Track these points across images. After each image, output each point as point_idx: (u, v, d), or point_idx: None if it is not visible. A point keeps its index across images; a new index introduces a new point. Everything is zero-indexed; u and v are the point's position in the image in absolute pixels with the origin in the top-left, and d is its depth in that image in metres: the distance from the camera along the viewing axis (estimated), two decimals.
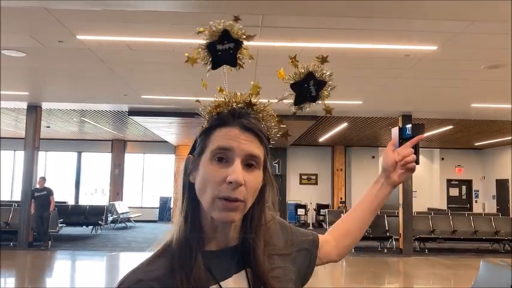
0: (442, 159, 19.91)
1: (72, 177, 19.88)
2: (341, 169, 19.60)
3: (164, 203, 19.13)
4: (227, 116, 0.98)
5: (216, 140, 0.93)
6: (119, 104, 11.17)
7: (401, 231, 11.44)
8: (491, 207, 19.03)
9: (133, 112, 11.70)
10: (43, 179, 11.09)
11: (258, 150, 0.96)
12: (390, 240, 12.16)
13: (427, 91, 9.10)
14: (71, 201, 18.77)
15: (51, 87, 9.71)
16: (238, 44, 0.99)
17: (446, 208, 18.93)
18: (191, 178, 0.96)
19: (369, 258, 10.96)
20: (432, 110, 10.96)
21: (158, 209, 19.10)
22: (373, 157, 19.74)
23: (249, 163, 0.93)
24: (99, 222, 14.21)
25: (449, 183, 19.97)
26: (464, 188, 20.17)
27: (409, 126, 5.93)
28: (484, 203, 19.67)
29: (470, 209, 19.72)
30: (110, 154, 19.39)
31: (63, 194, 18.94)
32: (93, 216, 14.44)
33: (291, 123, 12.07)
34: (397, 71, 7.62)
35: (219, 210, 0.89)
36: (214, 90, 1.16)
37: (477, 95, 9.35)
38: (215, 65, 1.06)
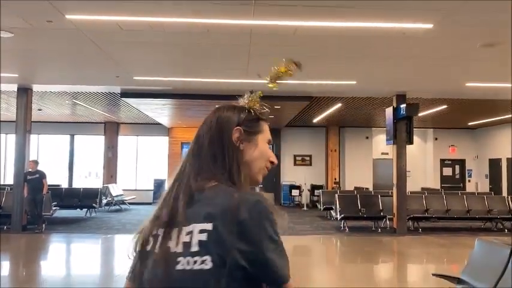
0: (436, 139, 19.95)
1: (65, 160, 19.76)
2: (335, 150, 19.60)
3: (159, 185, 19.08)
4: (267, 113, 1.39)
5: (266, 131, 1.37)
6: (110, 86, 11.04)
7: (395, 211, 11.50)
8: (484, 186, 19.17)
9: (125, 94, 11.57)
10: (35, 162, 11.00)
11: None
12: (384, 219, 12.21)
13: (422, 70, 9.05)
14: (64, 185, 18.70)
15: (41, 69, 9.56)
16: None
17: (439, 188, 19.04)
18: (240, 145, 1.28)
19: (363, 237, 11.03)
20: (427, 89, 10.92)
21: (153, 192, 19.07)
22: (367, 138, 19.75)
23: None
24: (93, 205, 14.16)
25: (443, 162, 20.06)
26: (457, 167, 20.28)
27: (403, 106, 6.09)
28: (477, 182, 19.80)
29: (464, 188, 19.85)
30: (103, 136, 19.25)
31: (56, 177, 18.87)
32: (87, 199, 14.38)
33: (285, 104, 12.03)
34: (392, 50, 7.54)
35: (262, 175, 1.34)
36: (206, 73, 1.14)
37: (472, 73, 9.31)
38: None
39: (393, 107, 11.42)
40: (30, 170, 10.92)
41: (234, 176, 1.23)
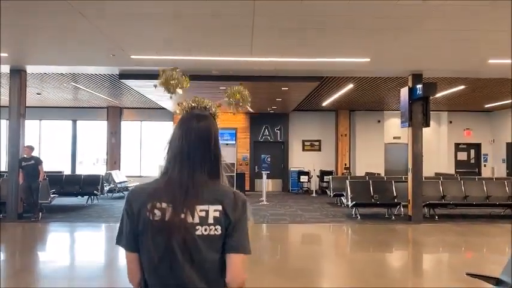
0: (450, 122, 19.19)
1: (68, 146, 19.28)
2: (345, 134, 18.92)
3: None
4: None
5: None
6: (108, 67, 10.44)
7: (410, 197, 10.86)
8: (501, 171, 18.44)
9: (124, 75, 10.96)
10: (29, 148, 10.46)
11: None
12: (398, 206, 11.59)
13: (441, 46, 8.32)
14: (67, 171, 18.26)
15: (31, 47, 8.96)
16: None
17: (454, 173, 18.33)
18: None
19: (376, 225, 10.42)
20: (445, 68, 10.17)
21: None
22: (379, 121, 19.03)
23: None
24: (95, 192, 13.68)
25: (458, 147, 19.32)
26: (472, 151, 19.52)
27: (419, 86, 5.26)
28: (494, 167, 19.05)
29: (479, 173, 19.15)
30: (106, 122, 18.72)
31: (59, 163, 18.45)
32: (88, 186, 13.91)
33: (293, 85, 11.38)
34: (409, 22, 6.83)
35: None
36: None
37: (496, 49, 8.55)
38: None
39: (409, 87, 10.71)
40: (25, 156, 10.40)
41: (217, 171, 1.70)
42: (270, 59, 9.12)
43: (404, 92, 10.84)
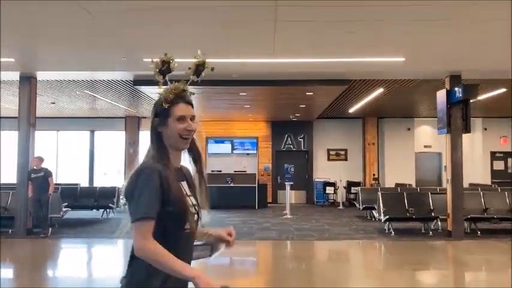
0: (485, 129, 18.03)
1: (85, 158, 18.79)
2: (373, 143, 17.96)
3: None
4: (178, 97, 1.87)
5: (176, 112, 1.84)
6: (121, 72, 9.79)
7: (449, 211, 9.86)
8: None
9: (138, 81, 10.33)
10: (39, 159, 9.88)
11: (193, 112, 1.89)
12: (435, 221, 10.61)
13: (484, 42, 7.41)
14: (84, 183, 17.75)
15: (40, 51, 8.39)
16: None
17: (490, 183, 17.15)
18: (159, 129, 1.85)
19: (414, 242, 9.45)
20: (487, 68, 9.19)
21: None
22: (409, 129, 18.02)
23: (191, 117, 1.87)
24: (110, 205, 13.05)
25: (494, 155, 18.13)
26: (510, 160, 18.28)
27: (459, 88, 5.11)
28: None
29: None
30: (124, 132, 18.18)
31: (77, 175, 17.97)
32: (103, 198, 13.30)
33: (318, 89, 10.58)
34: (449, 13, 5.97)
35: (182, 143, 1.88)
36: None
37: None
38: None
39: (446, 89, 9.77)
40: (34, 167, 9.81)
41: (152, 150, 1.87)
42: (293, 60, 8.34)
43: (441, 95, 9.91)
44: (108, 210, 13.43)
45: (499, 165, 18.22)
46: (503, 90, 11.79)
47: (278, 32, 6.67)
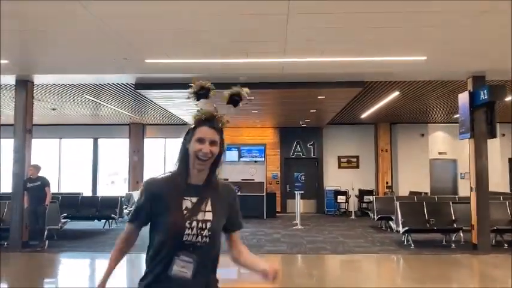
0: (503, 135, 17.26)
1: (89, 166, 18.25)
2: (386, 149, 17.27)
3: None
4: (205, 121, 2.00)
5: (197, 134, 1.97)
6: (122, 75, 9.22)
7: (474, 222, 9.16)
8: None
9: (140, 85, 9.77)
10: (35, 167, 9.31)
11: (216, 137, 1.97)
12: (457, 232, 9.92)
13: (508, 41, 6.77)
14: (88, 192, 17.22)
15: (36, 53, 7.83)
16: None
17: (509, 191, 16.38)
18: (187, 145, 1.99)
19: (436, 256, 8.74)
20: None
21: None
22: (422, 135, 17.32)
23: (212, 142, 1.96)
24: (112, 215, 12.45)
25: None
26: None
27: (484, 89, 5.18)
28: None
29: None
30: (128, 139, 17.63)
31: (80, 184, 17.46)
32: (106, 209, 12.70)
33: (331, 92, 9.95)
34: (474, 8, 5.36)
35: (197, 163, 1.96)
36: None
37: None
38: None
39: (469, 91, 9.12)
40: (30, 176, 9.25)
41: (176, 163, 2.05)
42: (306, 59, 7.72)
43: (463, 98, 9.25)
44: (110, 220, 12.84)
45: None
46: None
47: (290, 26, 6.06)
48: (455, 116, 15.38)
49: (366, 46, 7.07)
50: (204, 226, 1.90)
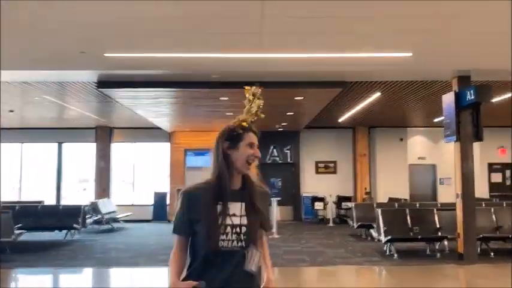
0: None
1: (53, 172, 17.19)
2: (364, 154, 16.80)
3: (160, 200, 16.48)
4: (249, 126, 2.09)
5: (247, 139, 2.05)
6: (83, 72, 8.39)
7: (460, 230, 8.65)
8: None
9: (103, 83, 8.95)
10: None
11: (257, 141, 2.07)
12: (442, 241, 9.42)
13: (496, 39, 6.31)
14: (51, 201, 16.20)
15: None
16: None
17: (488, 197, 16.09)
18: (229, 151, 2.03)
19: (422, 267, 8.17)
20: (501, 66, 8.06)
21: (153, 207, 16.44)
22: (401, 139, 16.91)
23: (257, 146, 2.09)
24: (75, 225, 11.53)
25: (491, 167, 17.11)
26: (508, 172, 17.31)
27: (470, 90, 5.28)
28: None
29: None
30: (94, 144, 16.66)
31: (42, 192, 16.42)
32: (68, 218, 11.72)
33: (310, 92, 9.36)
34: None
35: (245, 168, 2.05)
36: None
37: None
38: None
39: (455, 91, 8.64)
40: None
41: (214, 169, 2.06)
42: (284, 55, 7.08)
43: (448, 99, 8.76)
44: (72, 231, 11.92)
45: (497, 177, 17.23)
46: (510, 94, 10.73)
47: (266, 11, 5.40)
48: (435, 120, 15.05)
49: (350, 40, 6.47)
50: (239, 230, 1.96)
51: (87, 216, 12.65)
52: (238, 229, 1.95)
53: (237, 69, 7.67)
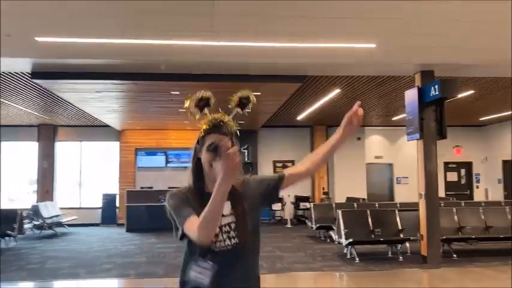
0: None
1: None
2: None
3: (109, 202, 15.46)
4: (213, 127, 1.88)
5: (206, 141, 1.86)
6: (15, 60, 7.43)
7: (423, 232, 8.29)
8: (496, 193, 16.33)
9: (38, 74, 8.00)
10: None
11: (228, 143, 1.85)
12: (404, 243, 9.08)
13: (467, 31, 5.97)
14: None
15: None
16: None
17: (444, 196, 16.08)
18: (199, 155, 1.90)
19: (387, 272, 7.73)
20: (469, 61, 7.74)
21: (101, 210, 15.41)
22: (359, 139, 16.62)
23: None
24: (9, 232, 10.47)
25: (447, 166, 17.14)
26: (463, 171, 17.41)
27: (434, 85, 5.56)
28: (487, 188, 16.97)
29: (471, 196, 17.06)
30: (37, 143, 15.45)
31: None
32: (2, 224, 10.67)
33: (268, 87, 8.77)
34: None
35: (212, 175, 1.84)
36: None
37: None
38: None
39: (418, 86, 8.28)
40: None
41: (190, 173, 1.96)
42: (239, 44, 6.45)
43: (412, 94, 8.39)
44: (7, 238, 10.83)
45: (453, 176, 17.29)
46: (470, 92, 10.55)
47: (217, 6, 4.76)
48: (394, 119, 14.87)
49: (311, 27, 5.93)
50: (229, 228, 1.86)
51: (26, 221, 11.57)
52: (227, 227, 1.85)
53: (187, 59, 6.94)
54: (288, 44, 6.47)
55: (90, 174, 16.04)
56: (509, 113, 13.85)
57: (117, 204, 15.34)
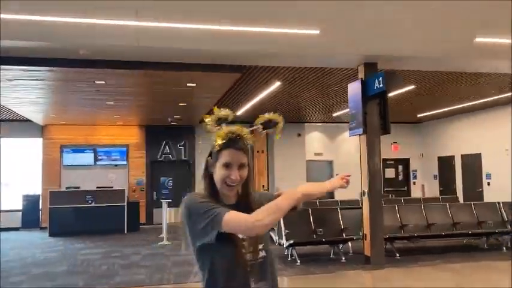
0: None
1: None
2: (262, 151, 15.98)
3: (31, 204, 14.13)
4: (229, 142, 1.79)
5: (223, 157, 1.78)
6: None
7: (366, 231, 7.93)
8: (433, 189, 16.60)
9: None
10: None
11: (244, 159, 1.79)
12: (345, 243, 8.72)
13: (415, 21, 5.61)
14: None
15: None
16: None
17: (383, 192, 16.08)
18: (211, 170, 1.83)
19: (329, 275, 7.29)
20: (413, 53, 7.45)
21: (21, 212, 14.04)
22: (299, 135, 16.31)
23: (240, 165, 1.78)
24: None
25: (385, 163, 17.18)
26: (400, 167, 17.57)
27: (378, 77, 5.47)
28: (423, 184, 17.23)
29: (408, 192, 17.27)
30: None
31: None
32: None
33: (204, 77, 8.08)
34: None
35: (225, 189, 1.80)
36: None
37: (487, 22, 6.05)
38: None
39: (361, 79, 7.90)
40: None
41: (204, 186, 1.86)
42: (167, 25, 5.71)
43: (355, 87, 8.01)
44: None
45: (391, 172, 17.40)
46: (411, 87, 10.39)
47: None
48: (334, 115, 14.64)
49: (248, 8, 5.31)
50: (255, 241, 1.79)
51: None
52: (253, 240, 1.76)
53: (109, 43, 6.09)
54: (223, 27, 5.82)
55: (8, 173, 14.56)
56: (446, 109, 14.00)
57: (40, 206, 14.05)
